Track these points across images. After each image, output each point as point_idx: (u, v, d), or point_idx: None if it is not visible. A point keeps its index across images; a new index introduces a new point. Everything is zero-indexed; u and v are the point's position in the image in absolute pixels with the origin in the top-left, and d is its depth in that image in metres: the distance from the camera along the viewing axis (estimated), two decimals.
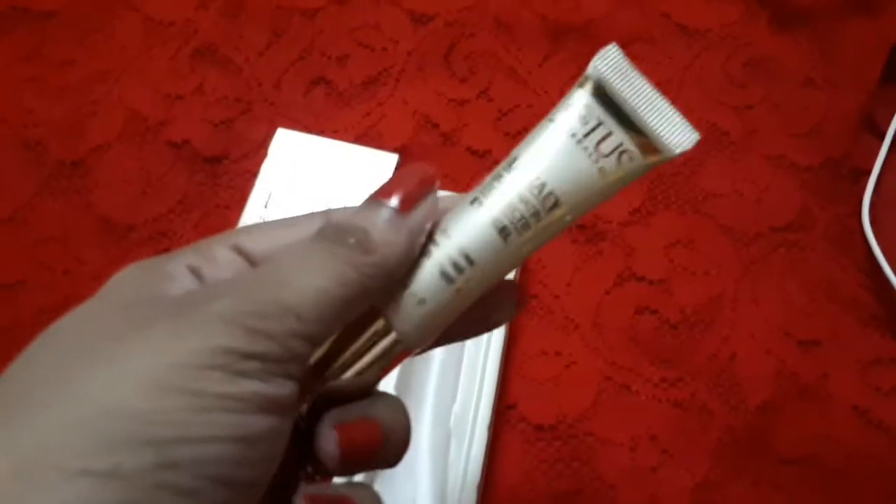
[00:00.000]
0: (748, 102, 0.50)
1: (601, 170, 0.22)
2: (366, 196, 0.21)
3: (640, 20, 0.53)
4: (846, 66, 0.51)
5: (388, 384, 0.38)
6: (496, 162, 0.46)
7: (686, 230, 0.46)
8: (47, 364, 0.17)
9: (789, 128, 0.49)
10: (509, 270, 0.22)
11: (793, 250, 0.46)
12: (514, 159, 0.22)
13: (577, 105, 0.22)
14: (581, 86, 0.22)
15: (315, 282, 0.18)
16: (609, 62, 0.22)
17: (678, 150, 0.22)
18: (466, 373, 0.39)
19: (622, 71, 0.22)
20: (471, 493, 0.36)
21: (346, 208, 0.22)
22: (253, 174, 0.46)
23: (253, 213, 0.43)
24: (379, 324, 0.21)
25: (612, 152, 0.22)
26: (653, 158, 0.22)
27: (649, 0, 0.54)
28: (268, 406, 0.17)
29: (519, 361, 0.42)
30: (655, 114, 0.22)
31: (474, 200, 0.22)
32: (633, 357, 0.42)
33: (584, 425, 0.41)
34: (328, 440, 0.20)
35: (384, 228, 0.20)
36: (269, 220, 0.23)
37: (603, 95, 0.22)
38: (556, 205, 0.22)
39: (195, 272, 0.20)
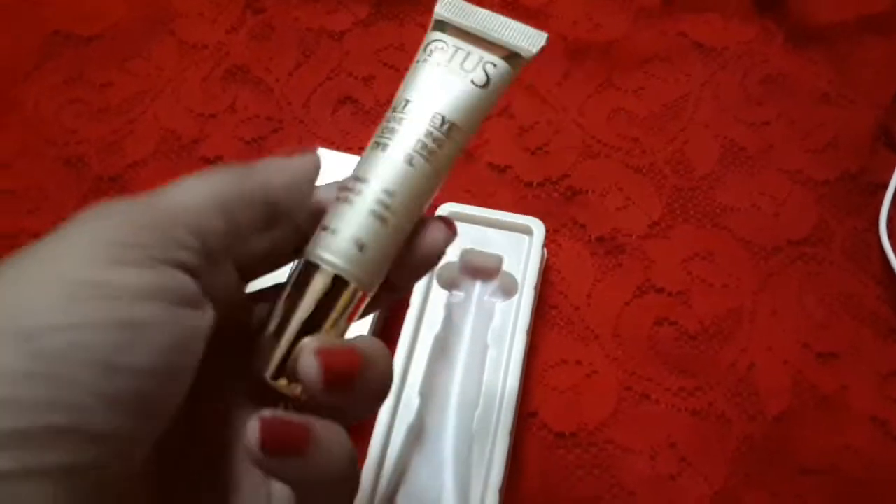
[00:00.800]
0: (764, 119, 0.51)
1: (473, 82, 0.25)
2: None
3: (657, 40, 0.54)
4: (861, 82, 0.52)
5: (413, 390, 0.39)
6: (517, 177, 0.47)
7: (704, 243, 0.47)
8: None
9: (805, 143, 0.50)
10: (430, 195, 0.25)
11: (810, 264, 0.46)
12: (401, 99, 0.25)
13: (436, 42, 0.26)
14: (432, 29, 0.27)
15: (194, 188, 0.20)
16: (448, 4, 0.27)
17: (534, 50, 0.26)
18: (489, 380, 0.40)
19: (461, 8, 0.27)
20: (493, 496, 0.36)
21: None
22: None
23: None
24: (327, 277, 0.22)
25: (476, 66, 0.25)
26: (515, 62, 0.26)
27: (667, 20, 0.55)
28: (153, 293, 0.17)
29: (540, 371, 0.43)
30: (502, 28, 0.26)
31: (380, 145, 0.24)
32: (653, 367, 0.43)
33: (605, 433, 0.41)
34: (309, 364, 0.20)
35: (270, 161, 0.23)
36: None
37: (451, 28, 0.26)
38: (447, 124, 0.25)
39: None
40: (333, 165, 0.47)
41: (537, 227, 0.43)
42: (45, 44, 0.55)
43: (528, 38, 0.26)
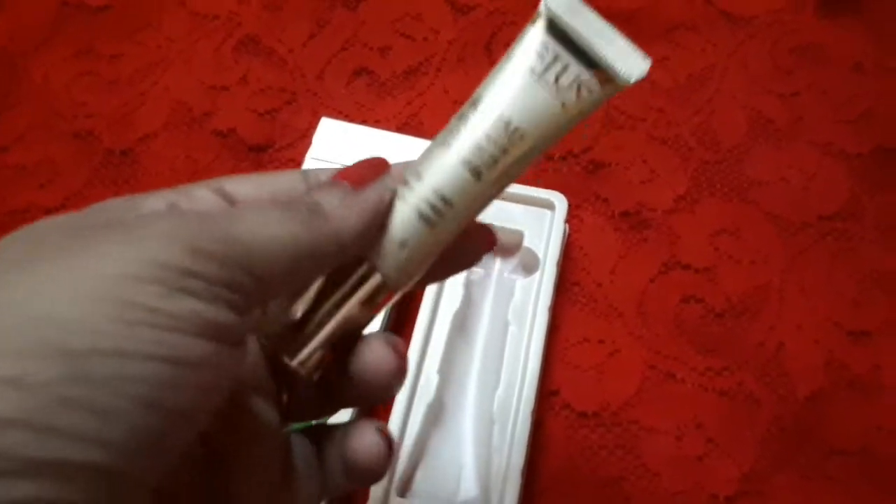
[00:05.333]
0: (794, 89, 0.49)
1: (563, 103, 0.22)
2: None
3: (683, 8, 0.52)
4: None
5: (431, 368, 0.38)
6: None
7: (731, 218, 0.45)
8: None
9: (837, 114, 0.48)
10: (484, 207, 0.23)
11: (841, 240, 0.45)
12: (478, 99, 0.22)
13: (534, 42, 0.23)
14: (534, 22, 0.23)
15: (268, 229, 0.18)
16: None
17: (632, 79, 0.22)
18: (509, 358, 0.39)
19: (573, 6, 0.22)
20: (515, 478, 0.35)
21: (320, 170, 0.23)
22: (297, 163, 0.47)
23: None
24: (363, 268, 0.22)
25: (570, 84, 0.22)
26: (609, 88, 0.22)
27: None
28: (208, 330, 0.16)
29: (562, 348, 0.42)
30: (607, 45, 0.22)
31: (443, 143, 0.22)
32: (678, 346, 0.42)
33: (628, 413, 0.40)
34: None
35: (337, 204, 0.20)
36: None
37: (556, 30, 0.22)
38: (521, 139, 0.22)
39: (172, 206, 0.20)
40: (344, 137, 0.46)
41: (559, 201, 0.42)
42: (55, 16, 0.53)
43: (628, 63, 0.22)
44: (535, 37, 0.23)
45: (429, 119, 0.49)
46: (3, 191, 0.47)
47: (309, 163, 0.45)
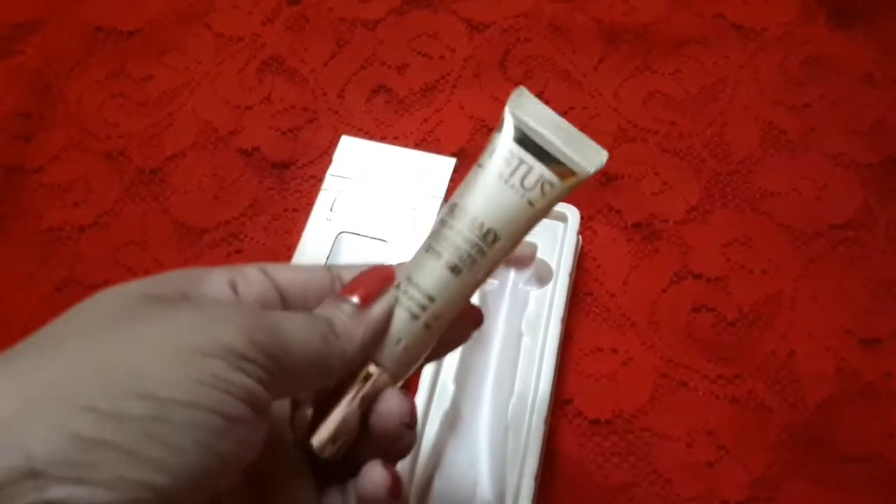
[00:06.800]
0: (806, 101, 0.50)
1: (529, 202, 0.25)
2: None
3: (694, 21, 0.53)
4: None
5: (448, 377, 0.39)
6: None
7: (743, 228, 0.46)
8: (85, 322, 0.21)
9: (849, 125, 0.49)
10: (467, 301, 0.26)
11: (853, 248, 0.45)
12: (455, 205, 0.26)
13: (501, 149, 0.26)
14: (500, 130, 0.26)
15: (300, 337, 0.23)
16: (521, 105, 0.26)
17: (591, 171, 0.25)
18: (523, 367, 0.40)
19: (533, 111, 0.26)
20: (529, 484, 0.36)
21: (346, 266, 0.27)
22: (319, 179, 0.49)
23: (320, 215, 0.46)
24: (368, 365, 0.25)
25: (535, 185, 0.25)
26: (571, 181, 0.26)
27: (704, 1, 0.54)
28: (251, 401, 0.21)
29: (575, 358, 0.43)
30: (566, 143, 0.26)
31: (428, 248, 0.26)
32: (690, 354, 0.43)
33: (641, 420, 0.41)
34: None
35: (345, 321, 0.24)
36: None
37: (520, 136, 0.26)
38: (495, 239, 0.25)
39: (232, 284, 0.24)
40: (363, 154, 0.48)
41: (572, 213, 0.43)
42: (88, 40, 0.56)
43: (587, 157, 0.26)
44: (502, 144, 0.26)
45: (446, 135, 0.50)
46: (39, 208, 0.50)
47: (329, 180, 0.47)
